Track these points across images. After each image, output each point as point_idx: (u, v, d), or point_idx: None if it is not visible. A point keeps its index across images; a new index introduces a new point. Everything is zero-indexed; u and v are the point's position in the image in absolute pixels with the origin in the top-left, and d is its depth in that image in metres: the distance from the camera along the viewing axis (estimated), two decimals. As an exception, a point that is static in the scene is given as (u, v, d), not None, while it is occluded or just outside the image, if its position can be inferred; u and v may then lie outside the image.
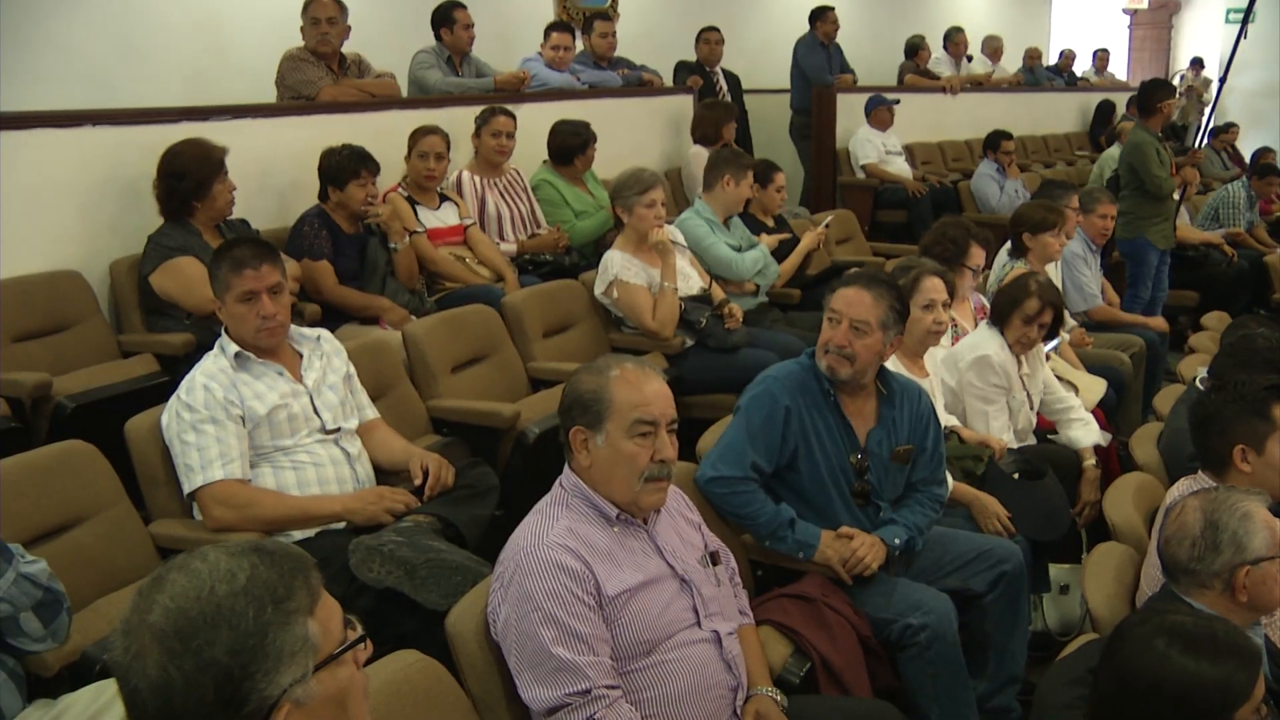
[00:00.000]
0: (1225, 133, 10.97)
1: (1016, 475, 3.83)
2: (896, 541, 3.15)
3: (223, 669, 1.33)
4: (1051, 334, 4.28)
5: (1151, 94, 7.77)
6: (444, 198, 5.31)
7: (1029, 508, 3.72)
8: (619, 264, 4.74)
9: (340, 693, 1.46)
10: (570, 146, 5.93)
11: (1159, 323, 6.22)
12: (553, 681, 2.20)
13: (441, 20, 6.43)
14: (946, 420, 4.02)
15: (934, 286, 3.85)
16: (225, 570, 1.39)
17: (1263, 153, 10.33)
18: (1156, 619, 2.00)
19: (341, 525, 3.10)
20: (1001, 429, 4.10)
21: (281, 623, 1.38)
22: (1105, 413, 4.80)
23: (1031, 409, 4.27)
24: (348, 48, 5.75)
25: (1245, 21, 8.45)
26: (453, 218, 5.28)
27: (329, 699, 1.43)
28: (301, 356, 3.32)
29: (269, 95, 5.64)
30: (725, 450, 3.09)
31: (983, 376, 4.10)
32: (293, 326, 3.33)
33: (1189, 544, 2.36)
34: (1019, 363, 4.20)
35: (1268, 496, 2.57)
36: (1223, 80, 8.76)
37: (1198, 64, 16.32)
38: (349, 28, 5.63)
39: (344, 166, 4.61)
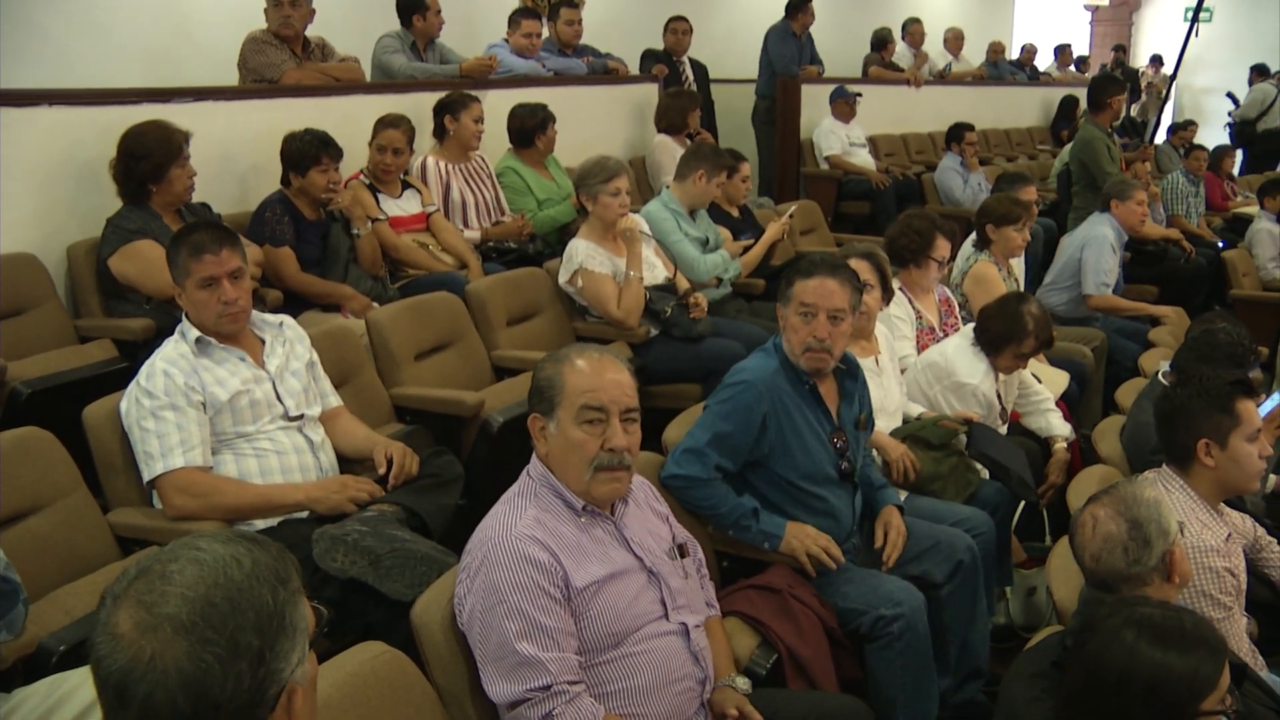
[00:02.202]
0: (1184, 130, 11.06)
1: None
2: (901, 497, 3.27)
3: (256, 651, 1.33)
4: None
5: (1102, 89, 7.85)
6: (406, 185, 5.27)
7: (1014, 461, 3.76)
8: (584, 253, 4.72)
9: (316, 673, 1.48)
10: (529, 127, 5.91)
11: (1165, 311, 6.21)
12: (515, 676, 2.19)
13: (413, 7, 6.38)
14: (911, 410, 4.05)
15: (857, 268, 3.84)
16: (229, 556, 1.38)
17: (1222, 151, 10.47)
18: (1126, 611, 2.01)
19: (305, 514, 3.06)
20: None
21: (293, 602, 1.39)
22: (1067, 405, 4.84)
23: (1003, 420, 4.29)
24: (311, 31, 5.70)
25: (1194, 20, 8.53)
26: (415, 205, 5.24)
27: (311, 681, 1.44)
28: (264, 342, 3.28)
29: (231, 78, 5.58)
30: (688, 451, 3.08)
31: (964, 404, 4.11)
32: (255, 312, 3.29)
33: (1121, 551, 2.34)
34: (998, 378, 4.22)
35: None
36: (1173, 77, 8.82)
37: (1157, 61, 16.50)
38: (313, 11, 5.59)
39: (306, 152, 4.57)
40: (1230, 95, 13.25)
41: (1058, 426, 4.36)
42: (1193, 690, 1.89)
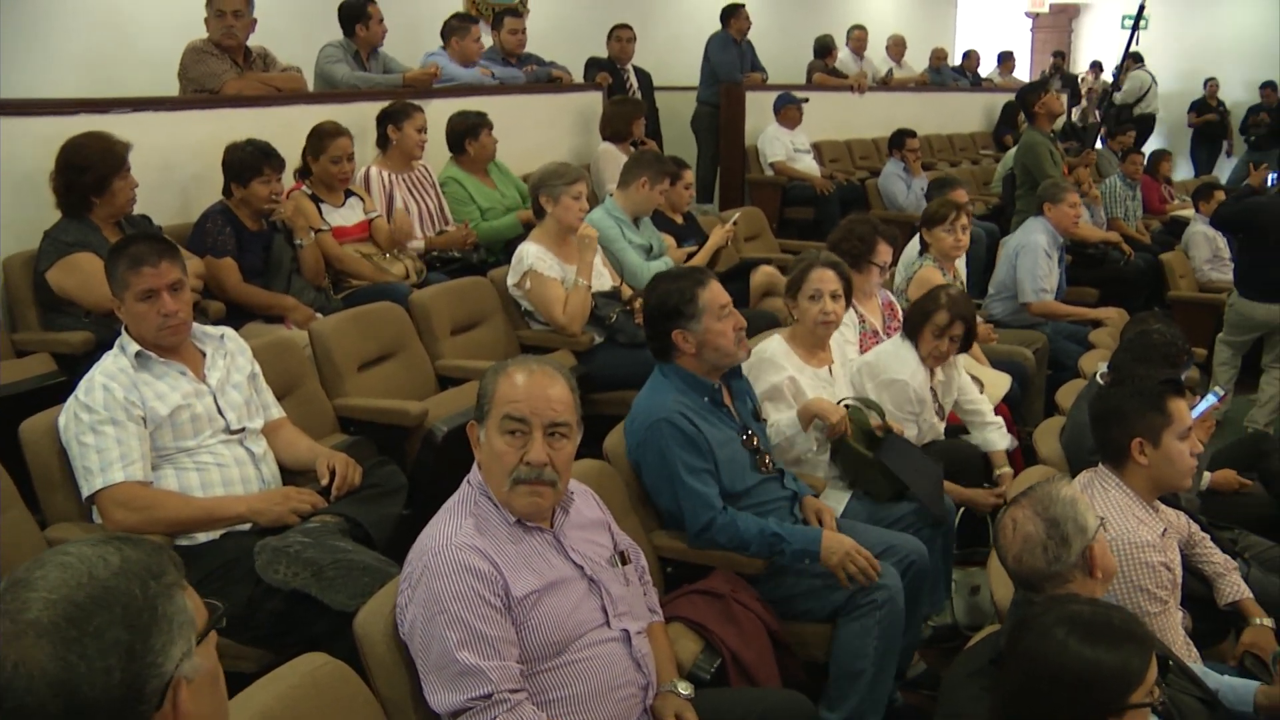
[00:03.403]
0: (1123, 134, 11.22)
1: None
2: (845, 501, 3.51)
3: (125, 646, 1.32)
4: (964, 346, 4.32)
5: (1026, 98, 7.99)
6: (348, 193, 5.25)
7: (924, 475, 3.80)
8: (534, 255, 4.73)
9: (213, 668, 1.47)
10: (458, 131, 5.91)
11: (1106, 313, 6.31)
12: (456, 685, 2.19)
13: (355, 16, 6.34)
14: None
15: (821, 277, 3.89)
16: (96, 556, 1.37)
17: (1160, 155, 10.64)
18: (1057, 609, 2.05)
19: (247, 527, 3.04)
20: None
21: (166, 595, 1.38)
22: (1009, 407, 4.90)
23: (941, 418, 4.34)
24: (253, 41, 5.66)
25: (1135, 28, 8.68)
26: (358, 214, 5.23)
27: (206, 676, 1.44)
28: (205, 355, 3.26)
29: (172, 88, 5.53)
30: (690, 503, 3.14)
31: (896, 401, 4.14)
32: (195, 325, 3.27)
33: (1041, 550, 2.37)
34: (932, 374, 4.26)
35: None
36: (1114, 83, 8.95)
37: (1096, 67, 16.72)
38: (255, 21, 5.54)
39: (247, 163, 4.54)
40: None
41: (996, 442, 4.36)
42: (1122, 684, 1.92)
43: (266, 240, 4.63)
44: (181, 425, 3.08)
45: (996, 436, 4.36)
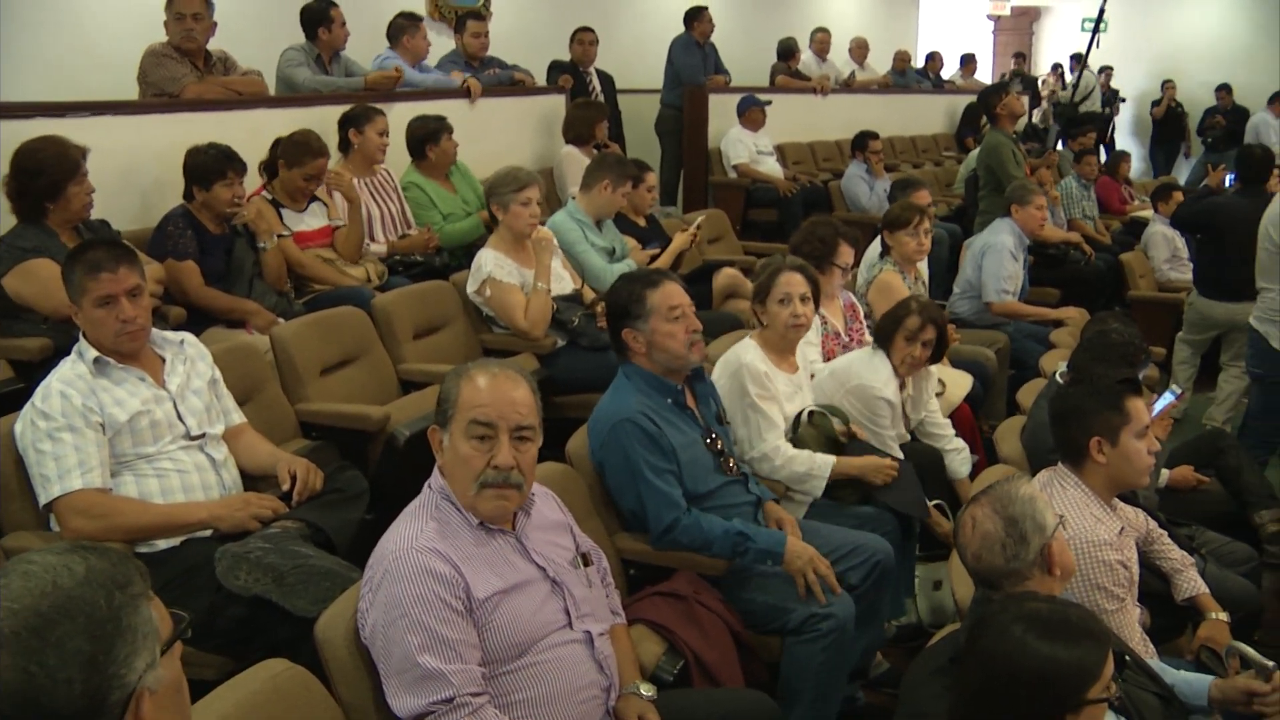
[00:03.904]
0: (1083, 135, 11.31)
1: None
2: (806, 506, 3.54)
3: (87, 657, 1.31)
4: (937, 354, 4.33)
5: (987, 100, 8.06)
6: (311, 198, 5.22)
7: (900, 483, 3.83)
8: (492, 263, 4.73)
9: (177, 679, 1.47)
10: (418, 136, 5.90)
11: (1068, 313, 6.35)
12: (418, 689, 2.19)
13: (318, 19, 6.31)
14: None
15: (789, 281, 3.90)
16: (61, 566, 1.37)
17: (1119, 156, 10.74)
18: (1014, 607, 2.06)
19: (208, 533, 3.02)
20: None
21: (131, 605, 1.38)
22: (971, 406, 4.94)
23: (906, 429, 4.36)
24: (213, 44, 5.62)
25: (1095, 31, 8.76)
26: (320, 219, 5.20)
27: (170, 686, 1.44)
28: (164, 361, 3.24)
29: (131, 91, 5.49)
30: (654, 503, 3.15)
31: (869, 406, 4.15)
32: (154, 330, 3.25)
33: (999, 548, 2.39)
34: (903, 385, 4.28)
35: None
36: (1076, 84, 9.03)
37: (1057, 69, 16.84)
38: (215, 24, 5.50)
39: (210, 167, 4.51)
40: None
41: (958, 469, 4.38)
42: (1080, 680, 1.94)
43: (228, 244, 4.60)
44: (141, 431, 3.06)
45: (958, 462, 4.39)
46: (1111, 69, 15.65)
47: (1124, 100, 16.05)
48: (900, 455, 4.06)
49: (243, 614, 2.77)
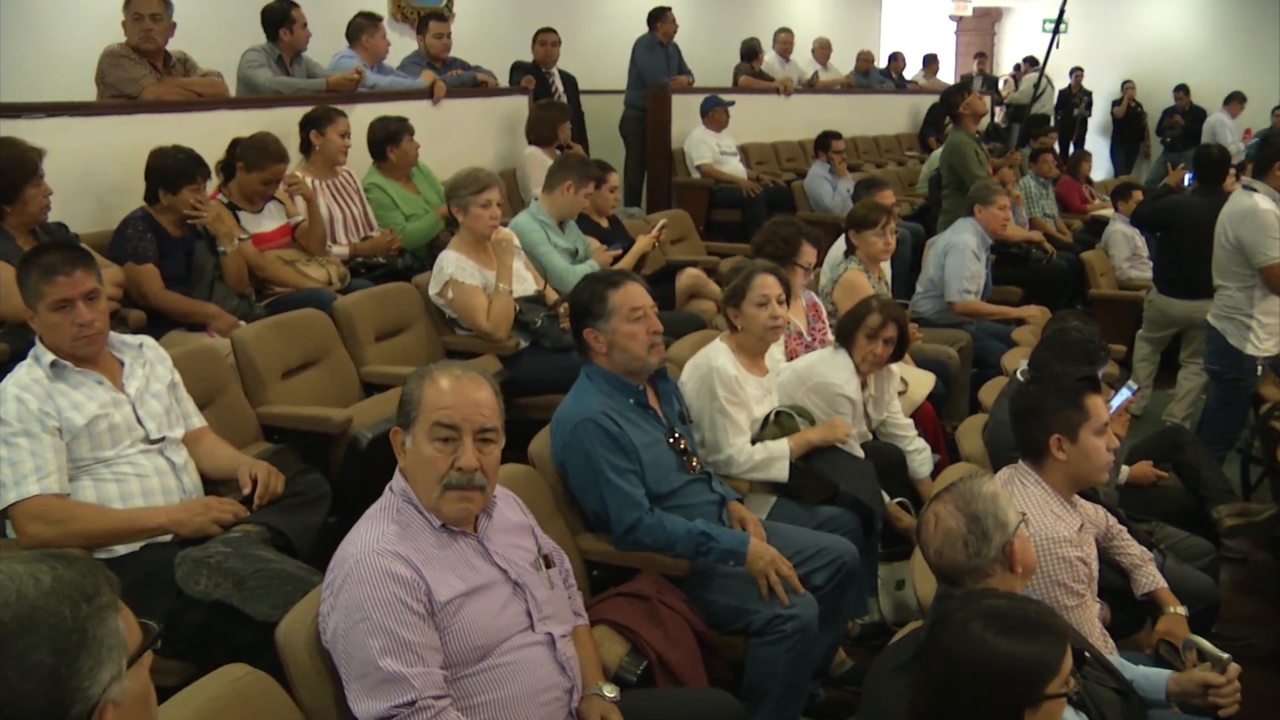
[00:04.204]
0: (1044, 135, 11.41)
1: None
2: (770, 504, 3.54)
3: (49, 670, 1.30)
4: (898, 352, 4.36)
5: (950, 100, 8.11)
6: (268, 198, 5.19)
7: (860, 474, 3.85)
8: (454, 264, 4.72)
9: (144, 691, 1.46)
10: (379, 138, 5.89)
11: (1030, 311, 6.40)
12: (379, 693, 2.18)
13: (280, 20, 6.27)
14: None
15: (765, 283, 3.92)
16: (27, 575, 1.35)
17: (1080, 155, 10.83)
18: (974, 604, 2.07)
19: (168, 538, 3.00)
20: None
21: (98, 617, 1.36)
22: (934, 405, 4.96)
23: (869, 428, 4.38)
24: (173, 45, 5.57)
25: (1055, 32, 8.83)
26: (277, 219, 5.18)
27: (137, 698, 1.42)
28: (123, 364, 3.21)
29: (89, 93, 5.44)
30: (616, 504, 3.15)
31: (828, 402, 4.18)
32: (112, 334, 3.22)
33: (961, 545, 2.41)
34: (865, 384, 4.30)
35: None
36: (1039, 85, 9.10)
37: (1019, 69, 16.96)
38: (174, 25, 5.45)
39: (180, 170, 4.48)
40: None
41: (922, 470, 4.42)
42: (1038, 675, 1.95)
43: (188, 247, 4.57)
44: (99, 435, 3.03)
45: (918, 462, 4.41)
46: (1082, 70, 15.80)
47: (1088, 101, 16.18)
48: (861, 454, 4.08)
49: (203, 619, 2.75)
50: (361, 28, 6.87)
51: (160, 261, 4.45)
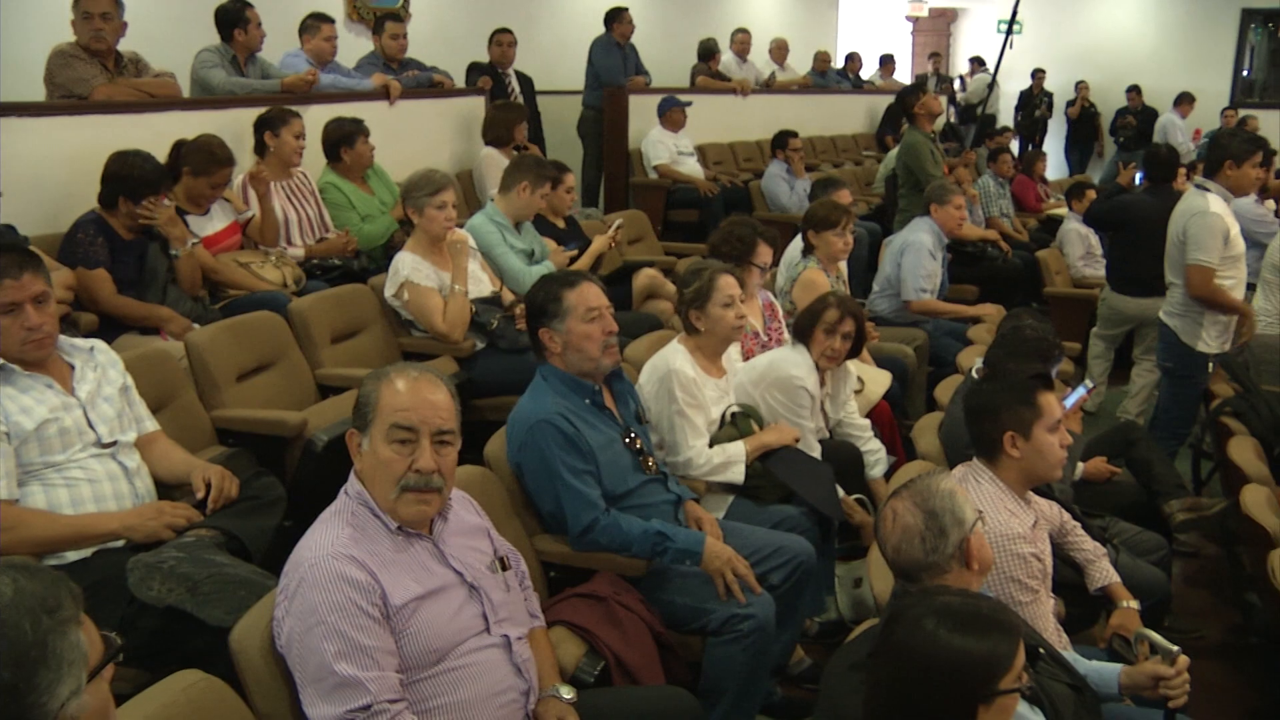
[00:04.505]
0: (1000, 135, 11.51)
1: None
2: (727, 503, 3.58)
3: (7, 686, 1.28)
4: (856, 348, 4.38)
5: (905, 100, 8.18)
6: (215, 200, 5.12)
7: (816, 478, 3.86)
8: (409, 266, 4.70)
9: (104, 705, 1.45)
10: (333, 139, 5.86)
11: (986, 310, 6.45)
12: (335, 697, 2.17)
13: (234, 20, 6.22)
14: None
15: (729, 284, 3.95)
16: None
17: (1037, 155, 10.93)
18: (927, 601, 2.08)
19: (120, 544, 2.96)
20: (812, 442, 4.22)
21: (59, 631, 1.35)
22: (890, 403, 4.99)
23: (826, 425, 4.40)
24: (125, 45, 5.51)
25: (1009, 32, 8.91)
26: (225, 218, 5.13)
27: (96, 712, 1.41)
28: (73, 368, 3.17)
29: (38, 93, 5.37)
30: (572, 505, 3.15)
31: (791, 397, 4.19)
32: (63, 337, 3.18)
33: (919, 541, 2.43)
34: (823, 381, 4.32)
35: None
36: (990, 86, 9.17)
37: (972, 71, 17.10)
38: (125, 24, 5.39)
39: (146, 180, 4.41)
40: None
41: (877, 471, 4.45)
42: (991, 671, 1.97)
43: (141, 250, 4.50)
44: (49, 439, 2.99)
45: (873, 463, 4.44)
46: (1044, 72, 15.94)
47: (1052, 100, 16.30)
48: (819, 451, 4.10)
49: (156, 625, 2.72)
50: (307, 28, 6.85)
51: (112, 265, 4.39)
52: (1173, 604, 4.02)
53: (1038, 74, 15.94)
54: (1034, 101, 15.86)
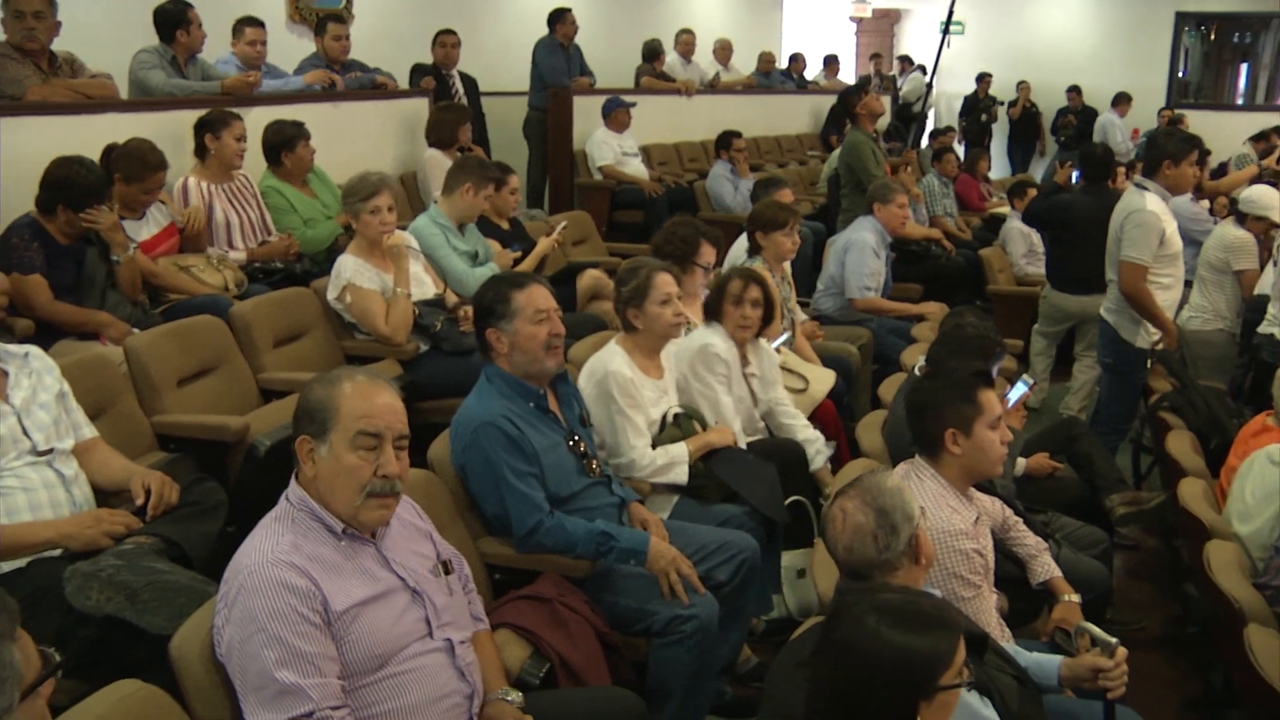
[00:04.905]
0: (943, 135, 11.62)
1: None
2: (671, 504, 3.60)
3: None
4: (768, 316, 4.41)
5: (847, 101, 8.24)
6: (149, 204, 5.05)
7: (758, 480, 3.87)
8: (351, 269, 4.68)
9: None
10: (274, 143, 5.81)
11: (929, 308, 6.51)
12: (276, 705, 2.15)
13: (176, 21, 6.12)
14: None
15: (666, 281, 3.95)
16: None
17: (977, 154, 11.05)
18: (868, 598, 2.10)
19: (57, 553, 2.91)
20: (731, 414, 4.23)
21: None
22: (835, 402, 5.02)
23: (755, 405, 4.41)
24: (60, 45, 5.42)
25: (945, 32, 8.99)
26: (159, 221, 5.06)
27: None
28: (7, 375, 3.11)
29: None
30: (516, 507, 3.15)
31: (708, 365, 4.22)
32: (-3, 344, 3.13)
33: (871, 539, 2.45)
34: (744, 359, 4.33)
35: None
36: (929, 85, 9.25)
37: (920, 70, 17.24)
38: (59, 24, 5.29)
39: (89, 189, 4.32)
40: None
41: (818, 461, 4.46)
42: (931, 667, 1.98)
43: (79, 255, 4.42)
44: (-18, 448, 2.95)
45: (813, 453, 4.46)
46: (990, 76, 16.09)
47: (999, 104, 16.41)
48: (739, 425, 4.15)
49: (95, 635, 2.69)
50: (235, 32, 6.78)
51: (49, 271, 4.31)
52: (1114, 597, 4.07)
53: (984, 78, 16.07)
54: (979, 105, 16.00)
